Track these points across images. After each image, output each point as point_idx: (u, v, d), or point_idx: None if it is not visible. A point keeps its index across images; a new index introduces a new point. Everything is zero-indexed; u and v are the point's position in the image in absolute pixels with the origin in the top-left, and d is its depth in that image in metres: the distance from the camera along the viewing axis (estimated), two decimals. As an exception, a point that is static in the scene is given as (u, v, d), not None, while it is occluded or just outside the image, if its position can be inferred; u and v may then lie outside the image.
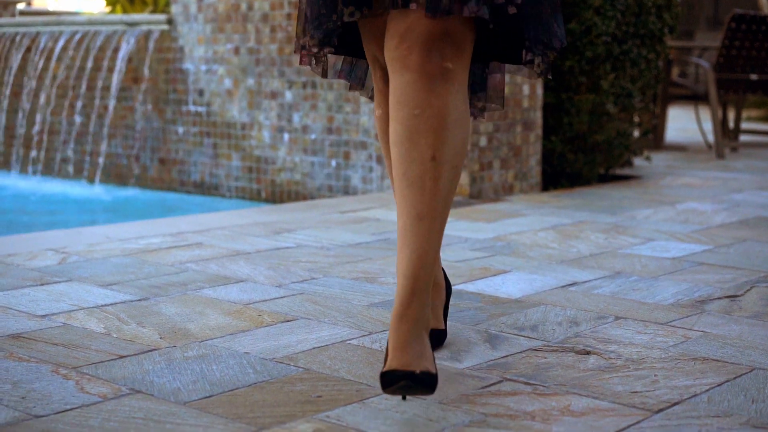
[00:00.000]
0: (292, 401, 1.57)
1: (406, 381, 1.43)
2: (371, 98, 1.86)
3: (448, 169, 1.53)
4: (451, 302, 2.25)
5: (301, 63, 1.77)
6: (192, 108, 5.26)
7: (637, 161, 5.42)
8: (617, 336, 1.98)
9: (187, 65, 5.25)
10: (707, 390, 1.66)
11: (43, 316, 2.07)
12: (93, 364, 1.75)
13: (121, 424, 1.46)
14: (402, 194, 1.54)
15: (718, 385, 1.68)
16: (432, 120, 1.51)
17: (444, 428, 1.47)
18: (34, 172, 6.02)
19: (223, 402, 1.57)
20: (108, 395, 1.59)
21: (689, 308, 2.22)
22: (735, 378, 1.72)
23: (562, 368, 1.76)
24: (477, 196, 4.11)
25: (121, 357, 1.80)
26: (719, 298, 2.32)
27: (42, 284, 2.36)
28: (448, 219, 3.36)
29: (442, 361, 1.79)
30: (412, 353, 1.47)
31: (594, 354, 1.85)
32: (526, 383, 1.68)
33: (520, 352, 1.86)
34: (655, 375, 1.73)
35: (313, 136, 4.73)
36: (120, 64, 5.46)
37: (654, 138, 6.35)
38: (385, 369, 1.46)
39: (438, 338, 1.85)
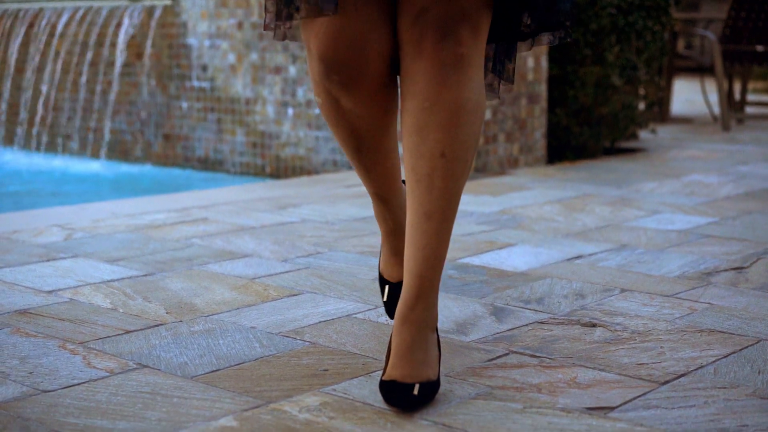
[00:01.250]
0: (298, 375, 1.58)
1: (406, 396, 1.42)
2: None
3: (458, 166, 1.46)
4: (456, 275, 2.25)
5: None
6: (196, 83, 5.25)
7: (643, 134, 5.40)
8: (623, 308, 1.98)
9: (191, 40, 5.23)
10: (713, 362, 1.66)
11: (50, 292, 2.07)
12: (100, 339, 1.76)
13: (128, 399, 1.47)
14: (410, 188, 1.48)
15: (725, 357, 1.68)
16: (443, 114, 1.43)
17: (451, 401, 1.47)
18: (38, 149, 6.02)
19: (229, 376, 1.57)
20: (115, 370, 1.59)
21: (695, 280, 2.22)
22: (741, 349, 1.72)
23: (568, 341, 1.77)
24: (482, 169, 4.10)
25: (128, 332, 1.80)
26: (725, 270, 2.32)
27: (48, 260, 2.36)
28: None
29: (449, 335, 1.79)
30: (413, 361, 1.45)
31: (600, 326, 1.86)
32: (532, 356, 1.68)
33: (526, 324, 1.87)
34: (661, 347, 1.73)
35: (317, 111, 4.72)
36: (123, 39, 5.44)
37: (659, 110, 6.33)
38: (385, 377, 1.45)
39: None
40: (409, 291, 1.48)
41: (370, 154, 1.62)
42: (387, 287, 1.76)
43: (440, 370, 1.52)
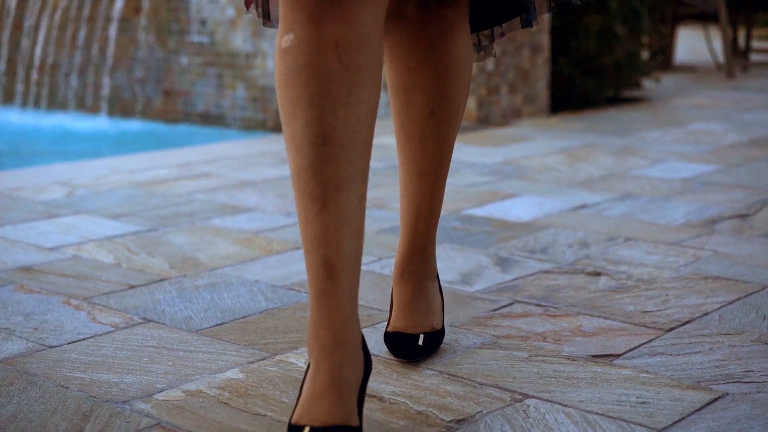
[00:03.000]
0: (303, 327, 1.58)
1: (411, 347, 1.42)
2: None
3: (448, 123, 1.44)
4: (460, 226, 2.24)
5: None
6: (195, 38, 5.20)
7: (646, 83, 5.36)
8: (627, 257, 1.98)
9: (189, -6, 5.18)
10: (718, 308, 1.66)
11: (53, 249, 2.07)
12: (104, 294, 1.76)
13: (134, 353, 1.47)
14: (402, 147, 1.46)
15: (729, 303, 1.68)
16: (429, 75, 1.40)
17: (456, 350, 1.47)
18: (38, 106, 5.99)
19: (234, 329, 1.57)
20: (120, 325, 1.59)
21: (700, 228, 2.22)
22: (746, 296, 1.72)
23: (573, 290, 1.76)
24: (484, 120, 4.08)
25: (132, 287, 1.80)
26: (730, 218, 2.31)
27: (50, 217, 2.35)
28: (456, 145, 3.35)
29: (453, 285, 1.79)
30: (416, 312, 1.45)
31: (604, 275, 1.85)
32: (537, 305, 1.68)
33: (531, 274, 1.86)
34: (666, 294, 1.73)
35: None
36: (120, -6, 5.38)
37: (663, 59, 6.28)
38: (389, 329, 1.45)
39: None
40: (406, 246, 1.48)
41: (336, 152, 1.11)
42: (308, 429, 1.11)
43: (444, 318, 1.52)
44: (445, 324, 1.53)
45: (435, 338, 1.45)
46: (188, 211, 2.42)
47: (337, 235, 1.12)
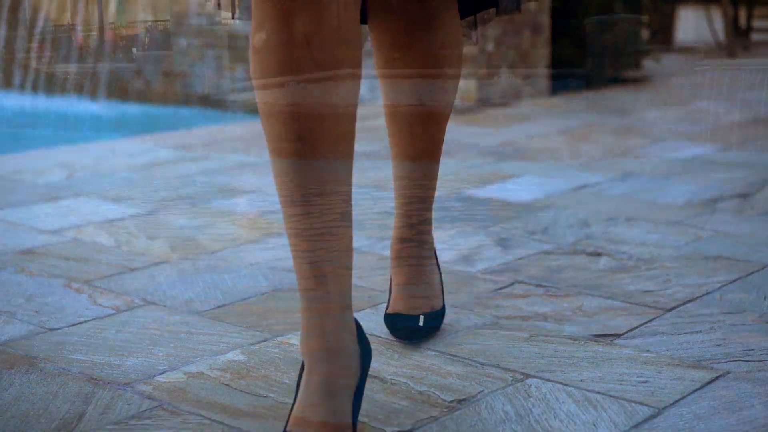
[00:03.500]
0: (304, 308, 1.58)
1: (411, 328, 1.42)
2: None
3: (437, 110, 1.43)
4: (461, 207, 2.24)
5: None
6: (194, 20, 5.18)
7: (647, 63, 5.34)
8: (628, 237, 1.98)
9: (187, -24, 5.16)
10: (719, 288, 1.66)
11: (53, 231, 2.07)
12: (105, 277, 1.76)
13: (135, 335, 1.47)
14: (392, 134, 1.45)
15: (731, 283, 1.68)
16: (415, 64, 1.38)
17: (457, 331, 1.47)
18: (36, 90, 5.98)
19: (236, 311, 1.57)
20: (121, 307, 1.60)
21: (701, 207, 2.21)
22: (747, 275, 1.72)
23: (574, 270, 1.76)
24: (485, 101, 4.07)
25: (133, 270, 1.80)
26: (731, 197, 2.31)
27: (50, 200, 2.35)
28: (457, 126, 3.34)
29: (454, 266, 1.79)
30: (415, 293, 1.45)
31: (605, 255, 1.85)
32: (538, 285, 1.68)
33: (532, 255, 1.86)
34: (667, 274, 1.73)
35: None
36: (119, -24, 5.36)
37: (664, 39, 6.25)
38: (389, 310, 1.45)
39: None
40: (401, 228, 1.48)
41: (317, 154, 1.07)
42: None
43: (444, 297, 1.52)
44: (445, 304, 1.53)
45: (435, 318, 1.45)
46: (188, 193, 2.42)
47: (322, 241, 1.09)
